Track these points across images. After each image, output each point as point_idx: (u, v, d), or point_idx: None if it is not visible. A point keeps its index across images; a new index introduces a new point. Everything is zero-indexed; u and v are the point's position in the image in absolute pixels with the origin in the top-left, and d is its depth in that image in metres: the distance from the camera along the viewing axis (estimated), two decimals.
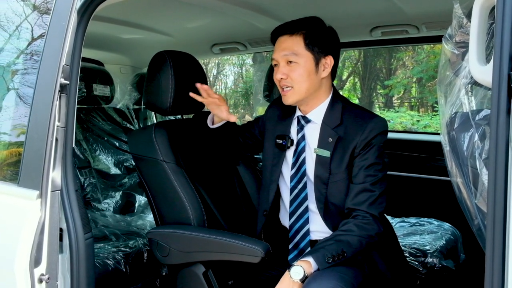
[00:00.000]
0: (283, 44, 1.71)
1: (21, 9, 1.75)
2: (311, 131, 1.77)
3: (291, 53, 1.68)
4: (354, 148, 1.66)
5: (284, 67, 1.70)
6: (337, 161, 1.68)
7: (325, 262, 1.53)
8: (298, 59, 1.68)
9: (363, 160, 1.65)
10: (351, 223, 1.61)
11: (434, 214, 2.80)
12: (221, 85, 14.48)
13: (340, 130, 1.70)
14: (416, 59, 10.25)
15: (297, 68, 1.68)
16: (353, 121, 1.70)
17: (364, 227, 1.61)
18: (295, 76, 1.68)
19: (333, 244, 1.56)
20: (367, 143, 1.65)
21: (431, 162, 3.02)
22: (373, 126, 1.66)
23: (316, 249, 1.57)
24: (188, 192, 1.80)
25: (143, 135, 1.91)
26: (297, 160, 1.77)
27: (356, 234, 1.59)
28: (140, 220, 2.66)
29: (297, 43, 1.69)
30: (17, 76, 1.73)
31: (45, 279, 1.44)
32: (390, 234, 1.86)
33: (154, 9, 2.44)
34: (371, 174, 1.65)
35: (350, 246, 1.58)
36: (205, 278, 1.71)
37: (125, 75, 3.51)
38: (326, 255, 1.54)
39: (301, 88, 1.69)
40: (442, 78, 1.26)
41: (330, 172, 1.69)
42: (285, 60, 1.70)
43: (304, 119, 1.78)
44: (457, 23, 1.19)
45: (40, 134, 1.46)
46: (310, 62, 1.69)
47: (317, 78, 1.71)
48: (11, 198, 1.53)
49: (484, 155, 1.04)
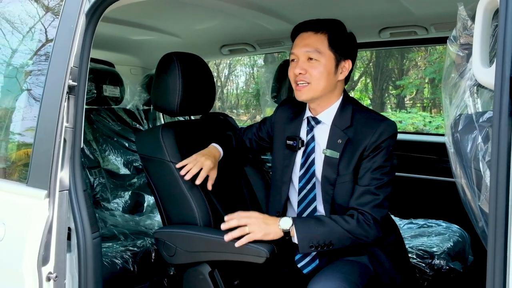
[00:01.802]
0: (306, 40, 1.71)
1: (31, 11, 1.77)
2: (320, 132, 1.77)
3: (314, 50, 1.68)
4: (363, 150, 1.66)
5: (304, 62, 1.69)
6: (346, 162, 1.68)
7: (307, 247, 1.58)
8: (320, 57, 1.68)
9: (371, 163, 1.66)
10: (355, 218, 1.62)
11: (442, 215, 2.78)
12: (232, 85, 14.51)
13: (350, 132, 1.70)
14: (428, 60, 10.17)
15: (317, 66, 1.68)
16: (363, 123, 1.70)
17: (364, 227, 1.61)
18: (315, 73, 1.68)
19: (325, 233, 1.59)
20: (376, 146, 1.65)
21: (439, 164, 3.01)
22: (383, 129, 1.66)
23: (307, 228, 1.59)
24: (194, 193, 1.81)
25: (151, 136, 1.92)
26: (306, 161, 1.78)
27: (353, 232, 1.60)
28: (148, 220, 2.68)
29: (321, 41, 1.69)
30: (28, 77, 1.76)
31: (53, 278, 1.46)
32: (397, 235, 1.86)
33: (163, 11, 2.46)
34: (377, 177, 1.65)
35: (340, 240, 1.60)
36: (211, 278, 1.72)
37: (136, 76, 3.54)
38: (312, 242, 1.58)
39: (318, 86, 1.69)
40: (447, 79, 1.26)
41: (338, 173, 1.69)
42: (307, 56, 1.69)
43: (314, 120, 1.78)
44: (461, 25, 1.20)
45: (49, 134, 1.48)
46: (331, 62, 1.69)
47: (334, 79, 1.71)
48: (20, 197, 1.55)
49: (488, 157, 1.04)
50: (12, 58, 1.85)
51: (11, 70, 1.85)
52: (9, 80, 1.85)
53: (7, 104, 1.88)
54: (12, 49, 1.84)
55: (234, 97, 14.26)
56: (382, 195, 1.64)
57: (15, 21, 1.83)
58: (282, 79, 2.91)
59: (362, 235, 1.61)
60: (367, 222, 1.62)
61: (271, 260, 1.60)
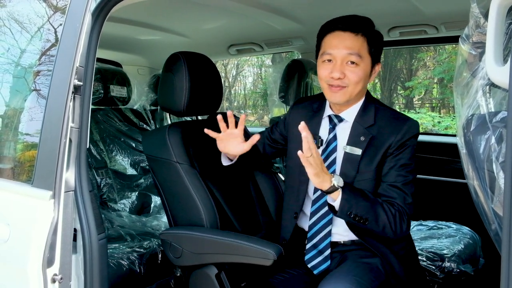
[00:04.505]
0: (347, 41, 1.63)
1: (38, 10, 1.77)
2: (341, 129, 1.74)
3: (356, 54, 1.62)
4: (388, 148, 1.64)
5: (342, 65, 1.63)
6: (368, 160, 1.66)
7: (345, 215, 1.55)
8: (361, 61, 1.63)
9: (396, 160, 1.64)
10: (396, 207, 1.60)
11: (452, 217, 2.75)
12: (240, 85, 14.52)
13: (373, 130, 1.68)
14: (437, 60, 10.11)
15: (357, 70, 1.63)
16: (387, 122, 1.69)
17: (400, 220, 1.59)
18: (354, 78, 1.63)
19: (367, 207, 1.56)
20: (402, 143, 1.64)
21: (449, 165, 2.98)
22: (408, 128, 1.65)
23: (353, 196, 1.55)
24: (201, 194, 1.79)
25: (157, 136, 1.91)
26: (326, 159, 1.73)
27: (390, 219, 1.58)
28: (155, 220, 2.67)
29: (362, 45, 1.63)
30: (34, 76, 1.75)
31: (58, 279, 1.44)
32: (408, 240, 1.82)
33: (170, 10, 2.46)
34: (403, 174, 1.64)
35: (375, 222, 1.57)
36: (217, 280, 1.71)
37: (143, 76, 3.54)
38: (352, 211, 1.54)
39: (355, 90, 1.66)
40: (459, 79, 1.23)
41: (358, 171, 1.67)
42: (347, 59, 1.63)
43: (337, 118, 1.75)
44: (474, 23, 1.17)
45: (54, 135, 1.47)
46: (368, 66, 1.66)
47: (367, 82, 1.69)
48: (25, 198, 1.54)
49: (501, 158, 1.02)
50: (18, 58, 1.84)
51: (16, 69, 1.84)
52: (16, 80, 1.84)
53: (13, 104, 1.87)
54: (18, 48, 1.83)
55: (242, 97, 14.27)
56: (409, 192, 1.63)
57: (21, 21, 1.82)
58: (290, 79, 2.89)
59: (395, 226, 1.58)
60: (403, 216, 1.60)
61: (278, 262, 1.58)
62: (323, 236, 1.73)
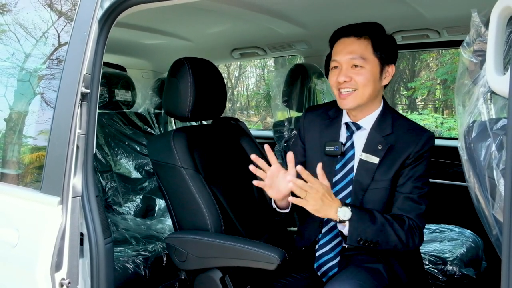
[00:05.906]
0: (350, 46, 1.66)
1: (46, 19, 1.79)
2: (357, 137, 1.74)
3: (358, 57, 1.64)
4: (406, 158, 1.65)
5: (348, 69, 1.65)
6: (385, 169, 1.66)
7: (355, 241, 1.55)
8: (365, 64, 1.64)
9: (414, 171, 1.64)
10: (407, 224, 1.60)
11: (455, 220, 2.76)
12: (242, 86, 14.52)
13: (390, 139, 1.68)
14: (440, 61, 10.10)
15: (363, 72, 1.64)
16: (405, 132, 1.69)
17: (412, 235, 1.60)
18: (361, 80, 1.64)
19: (376, 231, 1.56)
20: (420, 155, 1.64)
21: (452, 168, 2.98)
22: (426, 139, 1.66)
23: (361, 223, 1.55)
24: (206, 198, 1.81)
25: (162, 141, 1.92)
26: (343, 167, 1.73)
27: (401, 237, 1.58)
28: (160, 224, 2.69)
29: (365, 47, 1.65)
30: (41, 83, 1.77)
31: (66, 283, 1.47)
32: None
33: (175, 15, 2.48)
34: (419, 186, 1.64)
35: (387, 243, 1.57)
36: (222, 284, 1.72)
37: (147, 79, 3.57)
38: (361, 236, 1.54)
39: (365, 93, 1.65)
40: (460, 86, 1.25)
41: (373, 179, 1.67)
42: (351, 63, 1.64)
43: (355, 126, 1.74)
44: (475, 31, 1.18)
45: (62, 141, 1.49)
46: (376, 68, 1.66)
47: (379, 85, 1.69)
48: (34, 204, 1.57)
49: (502, 165, 1.03)
50: (27, 64, 1.86)
51: (25, 75, 1.86)
52: (24, 87, 1.87)
53: (20, 110, 1.89)
54: (27, 55, 1.85)
55: (245, 98, 14.28)
56: (424, 205, 1.64)
57: (30, 28, 1.84)
58: (293, 83, 2.90)
59: (406, 241, 1.59)
60: (414, 230, 1.61)
61: (282, 266, 1.59)
62: (335, 244, 1.74)
